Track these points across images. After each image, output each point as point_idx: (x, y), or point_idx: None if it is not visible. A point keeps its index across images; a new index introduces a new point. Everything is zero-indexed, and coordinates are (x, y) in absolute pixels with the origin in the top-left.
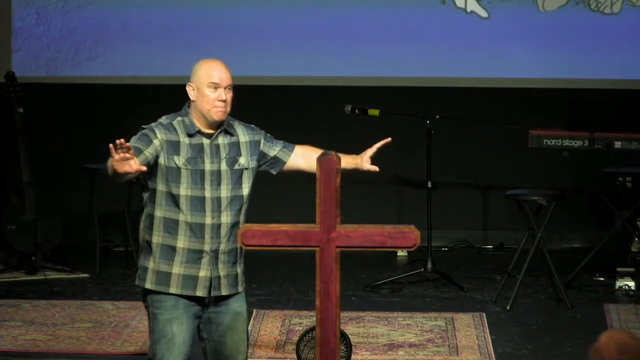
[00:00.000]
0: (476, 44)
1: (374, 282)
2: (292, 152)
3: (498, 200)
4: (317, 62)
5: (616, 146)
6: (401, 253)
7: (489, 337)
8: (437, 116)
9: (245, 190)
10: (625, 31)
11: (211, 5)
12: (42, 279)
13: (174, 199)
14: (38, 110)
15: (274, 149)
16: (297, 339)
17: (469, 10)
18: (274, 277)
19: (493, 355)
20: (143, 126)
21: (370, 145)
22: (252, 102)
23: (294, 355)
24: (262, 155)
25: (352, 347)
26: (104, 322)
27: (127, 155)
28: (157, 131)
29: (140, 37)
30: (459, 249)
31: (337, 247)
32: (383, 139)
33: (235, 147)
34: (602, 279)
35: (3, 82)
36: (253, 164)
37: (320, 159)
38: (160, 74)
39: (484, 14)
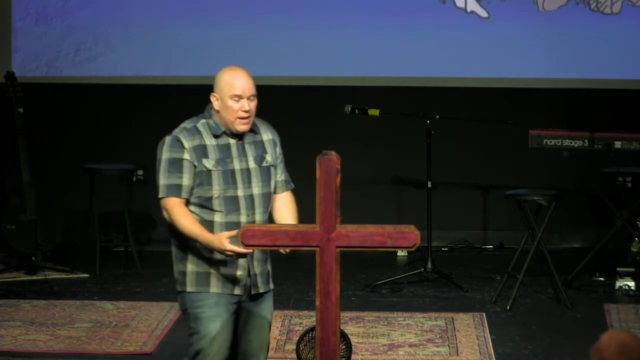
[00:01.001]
0: (476, 44)
1: (374, 282)
2: (282, 193)
3: (498, 200)
4: (317, 62)
5: (616, 146)
6: (401, 253)
7: (489, 337)
8: (437, 116)
9: (272, 187)
10: (625, 31)
11: (211, 6)
12: (42, 279)
13: (208, 201)
14: (38, 110)
15: (279, 173)
16: (297, 339)
17: (469, 10)
18: (274, 277)
19: (493, 355)
20: (167, 136)
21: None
22: None
23: (294, 355)
24: None
25: (352, 347)
26: (104, 322)
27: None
28: (183, 141)
29: (140, 37)
30: (459, 249)
31: (337, 247)
32: (383, 139)
33: (260, 145)
34: (602, 279)
35: (3, 82)
36: (275, 162)
37: (320, 159)
38: (160, 74)
39: (484, 14)
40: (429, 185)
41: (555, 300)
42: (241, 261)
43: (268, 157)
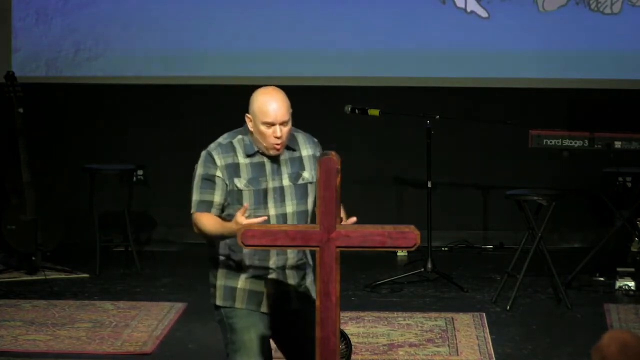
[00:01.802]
0: (476, 44)
1: (374, 282)
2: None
3: (498, 200)
4: (317, 62)
5: (616, 146)
6: (401, 253)
7: (489, 337)
8: (437, 116)
9: (310, 204)
10: (625, 31)
11: (211, 6)
12: (42, 279)
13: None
14: (38, 110)
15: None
16: None
17: (469, 10)
18: None
19: (493, 355)
20: (203, 151)
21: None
22: None
23: None
24: None
25: (352, 347)
26: (104, 322)
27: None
28: (217, 158)
29: (140, 37)
30: (459, 249)
31: (337, 247)
32: (383, 139)
33: (297, 162)
34: (602, 279)
35: (3, 82)
36: (316, 178)
37: (320, 159)
38: (160, 74)
39: (484, 14)
40: (429, 185)
41: (555, 300)
42: (271, 278)
43: (305, 174)
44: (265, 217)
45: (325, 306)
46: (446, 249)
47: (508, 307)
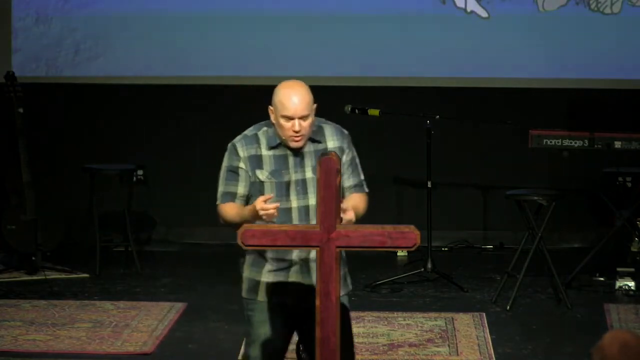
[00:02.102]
0: (476, 44)
1: (374, 282)
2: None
3: (498, 200)
4: (317, 62)
5: (616, 146)
6: (401, 253)
7: (489, 337)
8: (437, 116)
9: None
10: (625, 31)
11: (211, 6)
12: (42, 279)
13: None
14: (38, 110)
15: (345, 179)
16: (297, 339)
17: (469, 10)
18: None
19: (493, 355)
20: (229, 143)
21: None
22: (253, 102)
23: (294, 355)
24: None
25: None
26: (104, 322)
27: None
28: (240, 150)
29: (140, 37)
30: (459, 249)
31: (337, 247)
32: (383, 139)
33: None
34: (602, 279)
35: (3, 82)
36: (341, 169)
37: (320, 159)
38: (160, 74)
39: (484, 14)
40: (429, 185)
41: (555, 300)
42: (293, 271)
43: None
44: (278, 204)
45: (325, 306)
46: (446, 249)
47: (508, 307)
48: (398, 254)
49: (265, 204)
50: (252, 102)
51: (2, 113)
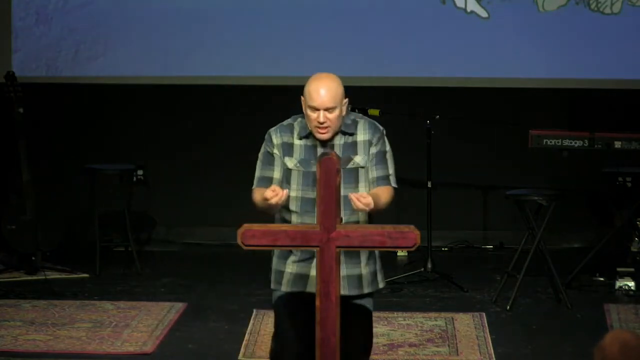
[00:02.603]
0: (476, 44)
1: None
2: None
3: (498, 200)
4: (317, 62)
5: (616, 146)
6: (401, 253)
7: (489, 337)
8: (437, 116)
9: (362, 189)
10: (625, 31)
11: (211, 6)
12: (42, 279)
13: (287, 200)
14: (38, 110)
15: (371, 171)
16: None
17: (469, 10)
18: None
19: (493, 355)
20: (269, 131)
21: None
22: (253, 102)
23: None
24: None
25: None
26: (104, 322)
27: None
28: (273, 137)
29: (140, 37)
30: (459, 249)
31: (337, 247)
32: None
33: (351, 147)
34: (602, 279)
35: (3, 82)
36: (367, 163)
37: (320, 159)
38: (160, 74)
39: (484, 14)
40: (429, 185)
41: (555, 300)
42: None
43: (357, 159)
44: (287, 191)
45: (325, 306)
46: (446, 249)
47: (508, 307)
48: (398, 254)
49: (270, 194)
50: (252, 102)
51: (2, 113)
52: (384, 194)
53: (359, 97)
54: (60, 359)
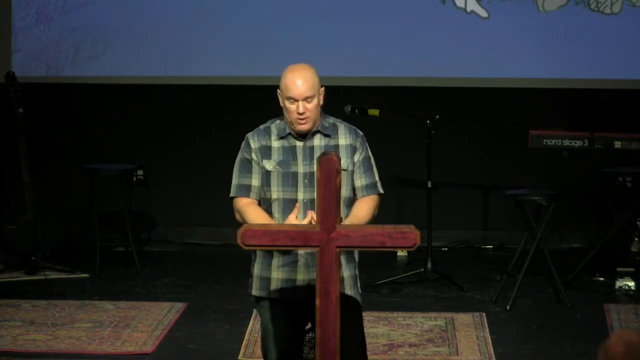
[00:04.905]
0: (476, 44)
1: (374, 282)
2: (361, 197)
3: (498, 200)
4: (317, 62)
5: (616, 146)
6: (401, 253)
7: (489, 337)
8: (437, 116)
9: (343, 192)
10: (625, 31)
11: (211, 5)
12: (42, 279)
13: (267, 203)
14: (38, 110)
15: (357, 179)
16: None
17: (469, 10)
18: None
19: (493, 355)
20: (247, 135)
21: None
22: (253, 102)
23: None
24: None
25: None
26: (104, 322)
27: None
28: (251, 141)
29: (140, 37)
30: (459, 249)
31: (337, 247)
32: (383, 139)
33: (332, 150)
34: (602, 279)
35: (3, 82)
36: (352, 167)
37: (320, 159)
38: (160, 74)
39: (484, 14)
40: (429, 185)
41: (555, 300)
42: (301, 266)
43: (341, 162)
44: (298, 203)
45: (325, 306)
46: (446, 249)
47: (508, 307)
48: (398, 254)
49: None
50: (252, 102)
51: (2, 113)
52: (364, 209)
53: (359, 97)
54: (60, 359)
